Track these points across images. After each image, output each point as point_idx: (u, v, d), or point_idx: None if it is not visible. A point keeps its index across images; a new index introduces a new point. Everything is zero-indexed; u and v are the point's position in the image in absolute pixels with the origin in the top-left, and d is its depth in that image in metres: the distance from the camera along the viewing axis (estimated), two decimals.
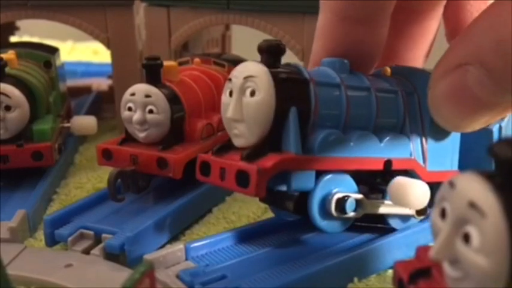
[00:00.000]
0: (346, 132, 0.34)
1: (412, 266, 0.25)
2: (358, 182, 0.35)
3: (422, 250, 0.25)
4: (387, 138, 0.35)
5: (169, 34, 0.57)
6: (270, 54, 0.33)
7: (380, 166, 0.35)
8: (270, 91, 0.32)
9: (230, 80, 0.34)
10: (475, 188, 0.20)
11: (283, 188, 0.33)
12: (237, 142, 0.33)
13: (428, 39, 0.40)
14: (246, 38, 0.67)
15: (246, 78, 0.32)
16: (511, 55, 0.23)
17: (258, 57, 0.56)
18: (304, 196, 0.34)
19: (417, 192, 0.34)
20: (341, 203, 0.34)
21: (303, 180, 0.33)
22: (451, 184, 0.21)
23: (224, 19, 0.55)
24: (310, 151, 0.33)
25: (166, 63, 0.44)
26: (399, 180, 0.34)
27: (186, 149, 0.42)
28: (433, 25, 0.40)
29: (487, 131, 0.38)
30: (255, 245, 0.37)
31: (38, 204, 0.43)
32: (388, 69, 0.38)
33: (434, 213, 0.22)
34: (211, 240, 0.37)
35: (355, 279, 0.35)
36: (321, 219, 0.34)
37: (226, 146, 0.34)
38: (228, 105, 0.33)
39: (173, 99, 0.42)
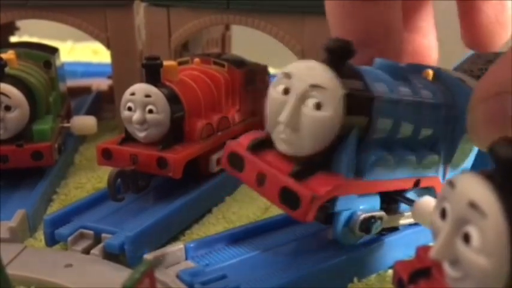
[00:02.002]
0: (390, 149, 0.33)
1: (412, 266, 0.25)
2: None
3: (423, 250, 0.25)
4: (422, 158, 0.34)
5: (169, 34, 0.57)
6: (339, 57, 0.30)
7: (410, 185, 0.34)
8: (339, 109, 0.29)
9: (289, 76, 0.30)
10: (475, 188, 0.20)
11: (328, 205, 0.31)
12: (282, 148, 0.31)
13: (430, 9, 0.40)
14: (246, 38, 0.67)
15: (313, 86, 0.29)
16: None
17: (258, 57, 0.56)
18: None
19: None
20: (367, 223, 0.33)
21: (347, 202, 0.32)
22: (451, 184, 0.21)
23: (224, 19, 0.55)
24: (359, 173, 0.31)
25: (166, 63, 0.44)
26: (427, 202, 0.32)
27: (186, 148, 0.42)
28: None
29: None
30: (255, 244, 0.37)
31: (38, 204, 0.43)
32: (431, 73, 0.36)
33: (435, 213, 0.22)
34: (211, 240, 0.37)
35: (355, 279, 0.35)
36: (344, 236, 0.34)
37: (264, 143, 0.32)
38: (281, 105, 0.30)
39: (173, 99, 0.42)
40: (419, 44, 0.40)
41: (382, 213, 0.34)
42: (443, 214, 0.21)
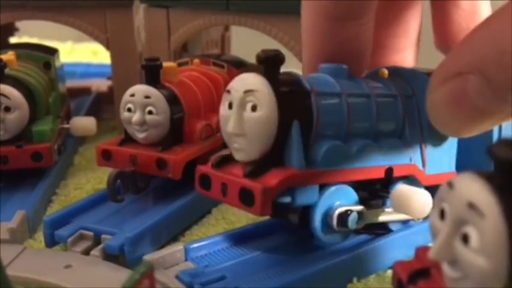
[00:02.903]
0: (347, 141, 0.34)
1: (412, 266, 0.25)
2: (357, 189, 0.35)
3: (422, 250, 0.25)
4: (387, 145, 0.35)
5: (168, 35, 0.57)
6: (269, 64, 0.32)
7: (381, 174, 0.35)
8: (272, 106, 0.31)
9: (229, 91, 0.33)
10: (474, 189, 0.20)
11: (287, 200, 0.32)
12: (238, 156, 0.33)
13: (414, 25, 0.40)
14: (245, 39, 0.67)
15: (246, 92, 0.32)
16: None
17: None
18: (308, 208, 0.33)
19: (420, 202, 0.33)
20: (343, 217, 0.34)
21: (306, 195, 0.32)
22: (450, 185, 0.21)
23: (223, 20, 0.55)
24: (313, 164, 0.32)
25: (165, 64, 0.44)
26: (401, 189, 0.34)
27: (186, 149, 0.42)
28: (416, 11, 0.40)
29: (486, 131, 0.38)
30: (254, 245, 0.37)
31: (38, 205, 0.43)
32: (386, 71, 0.38)
33: (433, 214, 0.22)
34: (210, 241, 0.37)
35: (354, 280, 0.35)
36: (323, 233, 0.34)
37: (226, 159, 0.34)
38: (228, 118, 0.32)
39: (172, 100, 0.43)
40: (391, 59, 0.40)
41: (361, 207, 0.34)
42: (442, 215, 0.21)
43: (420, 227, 0.38)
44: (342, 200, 0.34)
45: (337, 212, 0.33)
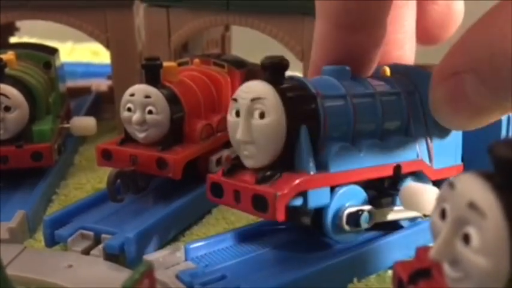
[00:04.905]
0: (355, 142, 0.34)
1: (412, 266, 0.25)
2: (367, 188, 0.35)
3: (422, 250, 0.25)
4: (394, 143, 0.35)
5: (169, 35, 0.57)
6: (274, 71, 0.33)
7: (390, 172, 0.35)
8: (280, 112, 0.31)
9: (235, 100, 0.33)
10: (474, 189, 0.20)
11: (299, 203, 0.32)
12: (248, 163, 0.33)
13: (410, 21, 0.41)
14: (245, 39, 0.67)
15: (254, 100, 0.32)
16: (504, 68, 0.25)
17: (258, 58, 0.56)
18: (320, 210, 0.34)
19: (429, 198, 0.33)
20: (354, 217, 0.34)
21: (318, 197, 0.33)
22: (451, 185, 0.21)
23: (224, 20, 0.55)
24: (323, 167, 0.33)
25: (165, 63, 0.44)
26: (410, 186, 0.34)
27: (186, 149, 0.42)
28: (411, 6, 0.40)
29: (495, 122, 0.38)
30: (254, 245, 0.37)
31: (38, 205, 0.43)
32: (387, 69, 0.38)
33: (434, 213, 0.22)
34: (210, 240, 0.37)
35: (355, 280, 0.35)
36: (335, 233, 0.34)
37: (237, 166, 0.34)
38: (236, 126, 0.33)
39: (173, 99, 0.42)
40: (392, 57, 0.40)
41: (369, 207, 0.35)
42: (443, 214, 0.21)
43: (420, 227, 0.38)
44: (352, 200, 0.34)
45: (346, 212, 0.34)
